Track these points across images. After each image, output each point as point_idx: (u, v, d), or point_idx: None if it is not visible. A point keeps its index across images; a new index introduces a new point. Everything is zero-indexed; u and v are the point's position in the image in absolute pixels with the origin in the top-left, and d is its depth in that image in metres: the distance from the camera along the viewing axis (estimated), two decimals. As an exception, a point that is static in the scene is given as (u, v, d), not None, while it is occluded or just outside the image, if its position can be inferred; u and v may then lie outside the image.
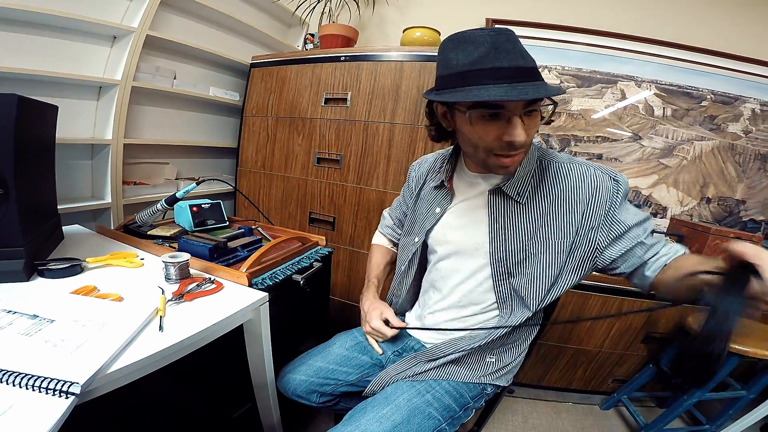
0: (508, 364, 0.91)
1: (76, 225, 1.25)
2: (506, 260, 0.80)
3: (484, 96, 0.60)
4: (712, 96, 1.91)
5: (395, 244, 1.14)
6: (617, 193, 0.74)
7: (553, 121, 0.78)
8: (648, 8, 1.92)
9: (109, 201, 1.51)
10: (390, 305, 1.11)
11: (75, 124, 1.46)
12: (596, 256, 0.77)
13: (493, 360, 0.89)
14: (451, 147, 0.91)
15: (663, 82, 1.93)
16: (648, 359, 1.66)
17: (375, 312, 0.93)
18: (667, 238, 1.75)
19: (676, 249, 0.74)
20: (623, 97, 1.96)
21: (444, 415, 0.80)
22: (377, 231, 1.18)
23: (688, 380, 0.57)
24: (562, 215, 0.76)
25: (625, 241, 0.74)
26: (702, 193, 1.96)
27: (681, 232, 1.76)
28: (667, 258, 0.72)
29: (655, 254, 0.73)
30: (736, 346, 1.29)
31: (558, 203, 0.76)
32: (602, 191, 0.74)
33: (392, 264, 1.11)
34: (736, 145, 1.92)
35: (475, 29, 0.64)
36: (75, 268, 0.87)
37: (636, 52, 1.92)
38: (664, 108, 1.94)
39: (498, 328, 0.83)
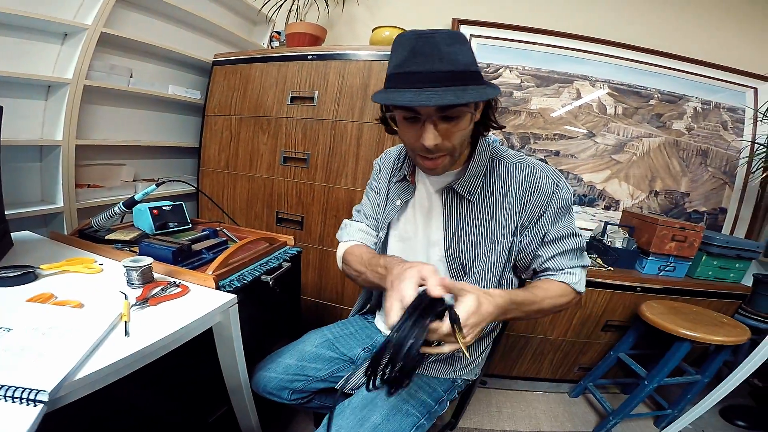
0: (476, 359, 0.94)
1: (26, 231, 1.17)
2: (460, 257, 0.83)
3: (394, 100, 0.62)
4: (659, 95, 2.05)
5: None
6: (552, 199, 0.79)
7: (495, 126, 0.79)
8: (602, 11, 2.03)
9: (61, 205, 1.42)
10: (366, 304, 1.12)
11: (21, 124, 1.36)
12: (519, 254, 0.83)
13: (460, 355, 0.91)
14: None
15: (615, 82, 2.05)
16: (609, 347, 1.75)
17: (411, 271, 0.60)
18: (620, 228, 1.85)
19: (556, 270, 0.82)
20: (578, 96, 2.06)
21: (421, 410, 0.82)
22: (341, 243, 1.00)
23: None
24: (506, 214, 0.80)
25: (536, 249, 0.82)
26: (650, 187, 2.09)
27: (632, 223, 1.87)
28: (535, 276, 0.86)
29: (543, 269, 0.83)
30: (687, 332, 1.38)
31: (503, 202, 0.80)
32: (539, 194, 0.79)
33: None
34: (680, 141, 2.06)
35: (409, 31, 0.63)
36: (28, 275, 0.82)
37: (591, 52, 2.03)
38: (615, 106, 2.06)
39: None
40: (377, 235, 0.97)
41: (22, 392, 0.48)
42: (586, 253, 0.86)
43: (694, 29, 2.00)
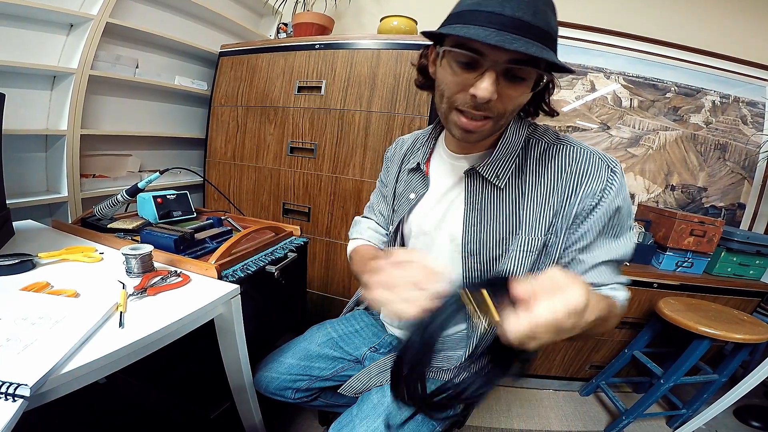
0: None
1: (29, 220, 1.16)
2: (480, 254, 0.70)
3: (460, 32, 0.51)
4: (676, 88, 1.98)
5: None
6: (607, 190, 0.62)
7: (547, 110, 0.69)
8: (616, 2, 1.96)
9: (66, 195, 1.41)
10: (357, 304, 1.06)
11: (26, 114, 1.36)
12: (559, 253, 0.67)
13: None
14: (431, 126, 0.83)
15: (630, 74, 1.99)
16: (623, 345, 1.70)
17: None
18: (636, 222, 1.79)
19: (600, 285, 0.66)
20: (593, 88, 2.00)
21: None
22: (351, 241, 0.97)
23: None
24: (540, 205, 0.66)
25: (577, 253, 0.66)
26: (667, 181, 2.03)
27: (649, 217, 1.81)
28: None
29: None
30: (707, 330, 1.32)
31: (539, 190, 0.66)
32: (590, 181, 0.63)
33: None
34: (698, 135, 2.00)
35: None
36: (26, 263, 0.80)
37: (605, 44, 1.97)
38: (631, 99, 2.00)
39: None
40: (387, 234, 0.87)
41: (1, 386, 0.44)
42: None
43: (712, 22, 1.92)
